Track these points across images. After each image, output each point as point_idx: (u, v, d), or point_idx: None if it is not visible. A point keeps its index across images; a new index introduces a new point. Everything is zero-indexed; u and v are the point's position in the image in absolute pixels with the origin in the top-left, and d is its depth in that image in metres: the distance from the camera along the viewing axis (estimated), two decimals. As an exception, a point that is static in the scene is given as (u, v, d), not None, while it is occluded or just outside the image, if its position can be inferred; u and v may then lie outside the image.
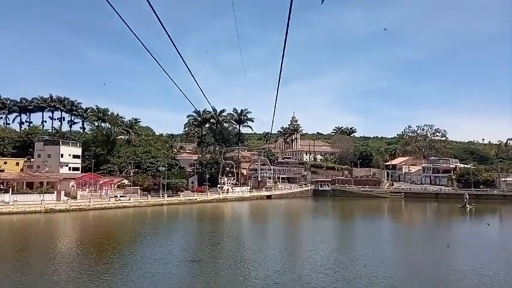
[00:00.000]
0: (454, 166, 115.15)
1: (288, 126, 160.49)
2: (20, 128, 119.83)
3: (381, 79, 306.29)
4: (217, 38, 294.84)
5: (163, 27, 7.57)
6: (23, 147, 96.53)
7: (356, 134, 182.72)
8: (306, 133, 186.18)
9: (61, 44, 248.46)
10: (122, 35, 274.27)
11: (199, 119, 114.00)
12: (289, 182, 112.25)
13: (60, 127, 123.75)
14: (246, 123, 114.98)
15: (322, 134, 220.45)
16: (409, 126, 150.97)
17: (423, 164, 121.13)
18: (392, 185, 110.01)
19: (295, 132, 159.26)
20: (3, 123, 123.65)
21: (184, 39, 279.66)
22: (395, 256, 31.19)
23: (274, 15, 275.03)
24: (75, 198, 67.50)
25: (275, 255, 30.24)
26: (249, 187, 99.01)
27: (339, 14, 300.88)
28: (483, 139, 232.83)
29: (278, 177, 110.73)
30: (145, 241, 36.77)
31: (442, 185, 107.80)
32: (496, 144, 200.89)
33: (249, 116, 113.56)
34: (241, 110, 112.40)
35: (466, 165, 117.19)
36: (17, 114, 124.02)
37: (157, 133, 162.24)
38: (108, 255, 29.81)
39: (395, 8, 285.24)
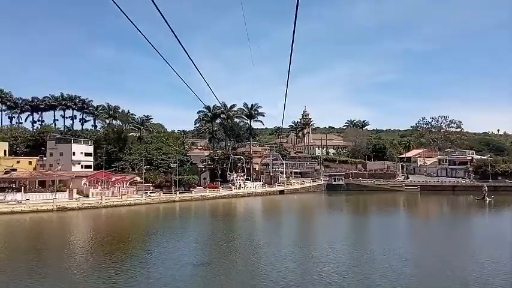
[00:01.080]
0: (470, 158, 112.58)
1: (299, 121, 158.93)
2: (32, 127, 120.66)
3: (391, 71, 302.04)
4: (225, 34, 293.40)
5: (169, 26, 7.50)
6: (35, 146, 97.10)
7: (368, 127, 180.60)
8: (318, 127, 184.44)
9: (70, 44, 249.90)
10: (130, 34, 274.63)
11: (209, 114, 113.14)
12: (302, 177, 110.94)
13: (72, 125, 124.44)
14: (256, 118, 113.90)
15: (333, 127, 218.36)
16: (423, 118, 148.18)
17: (439, 156, 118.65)
18: (408, 177, 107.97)
19: (307, 126, 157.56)
20: (16, 123, 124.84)
21: (193, 36, 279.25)
22: (414, 253, 29.92)
23: (280, 10, 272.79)
24: (87, 196, 67.18)
25: (290, 253, 29.23)
26: (261, 182, 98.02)
27: (345, 7, 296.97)
28: (498, 130, 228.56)
29: (291, 172, 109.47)
30: (158, 240, 36.02)
31: (458, 177, 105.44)
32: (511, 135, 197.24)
33: (259, 110, 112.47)
34: (252, 105, 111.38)
35: (483, 157, 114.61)
36: (29, 113, 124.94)
37: (169, 130, 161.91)
38: (120, 254, 29.11)
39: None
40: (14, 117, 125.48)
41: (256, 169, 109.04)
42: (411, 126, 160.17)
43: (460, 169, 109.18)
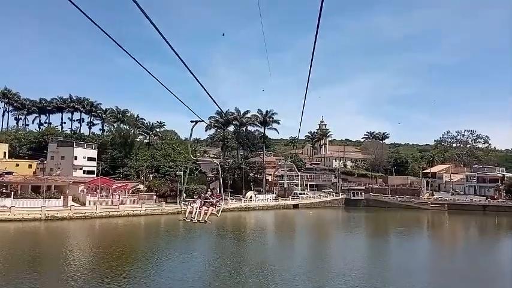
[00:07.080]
0: (501, 175, 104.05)
1: (316, 131, 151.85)
2: (39, 130, 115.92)
3: (411, 85, 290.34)
4: (245, 44, 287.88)
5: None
6: (38, 148, 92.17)
7: (386, 141, 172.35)
8: (334, 139, 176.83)
9: (89, 51, 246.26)
10: (144, 42, 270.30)
11: (221, 120, 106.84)
12: (317, 190, 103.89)
13: (79, 128, 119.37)
14: (271, 126, 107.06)
15: (350, 140, 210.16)
16: (448, 132, 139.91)
17: (467, 173, 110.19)
18: (433, 195, 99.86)
19: (324, 137, 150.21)
20: (22, 124, 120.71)
21: (214, 45, 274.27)
22: None
23: (301, 21, 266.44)
24: (84, 204, 61.49)
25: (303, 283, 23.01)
26: (274, 195, 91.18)
27: (367, 19, 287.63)
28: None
29: (306, 185, 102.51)
30: (154, 265, 29.77)
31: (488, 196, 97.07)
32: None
33: (274, 117, 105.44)
34: (267, 111, 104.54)
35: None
36: (36, 115, 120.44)
37: (182, 137, 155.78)
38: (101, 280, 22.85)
39: (425, 11, 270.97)
40: (20, 118, 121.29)
41: (269, 180, 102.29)
42: (435, 140, 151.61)
43: (490, 187, 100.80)
